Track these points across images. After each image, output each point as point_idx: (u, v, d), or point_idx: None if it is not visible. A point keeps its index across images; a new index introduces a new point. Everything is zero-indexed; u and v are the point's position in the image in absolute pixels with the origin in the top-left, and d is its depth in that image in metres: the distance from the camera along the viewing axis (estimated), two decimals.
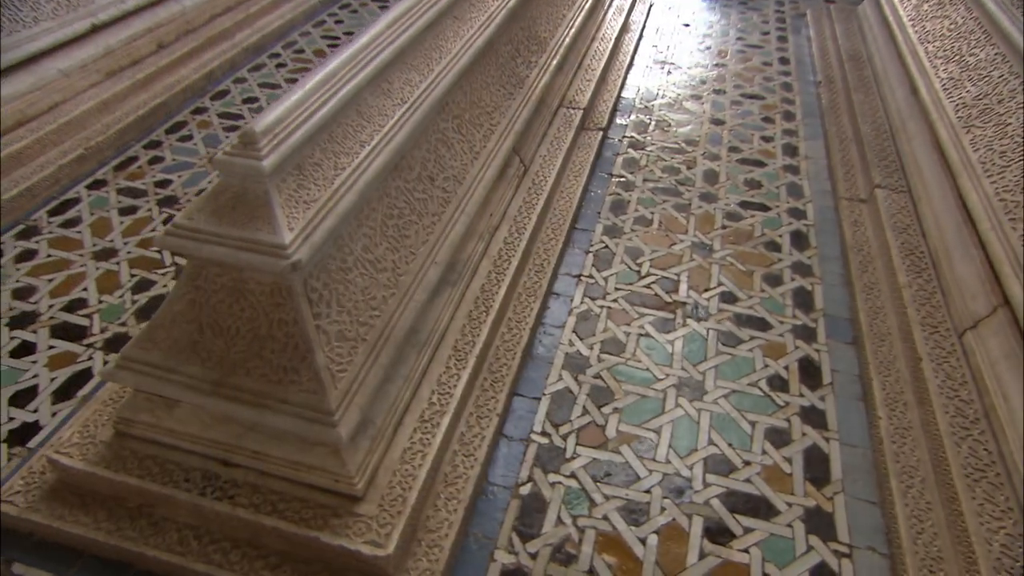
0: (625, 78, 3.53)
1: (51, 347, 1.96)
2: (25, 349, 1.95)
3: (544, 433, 1.77)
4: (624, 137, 3.08)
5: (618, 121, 3.20)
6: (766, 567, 1.48)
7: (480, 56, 2.17)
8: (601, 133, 2.98)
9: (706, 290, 2.24)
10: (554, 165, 2.55)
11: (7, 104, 2.57)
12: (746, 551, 1.51)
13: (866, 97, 3.09)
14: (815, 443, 1.75)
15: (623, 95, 3.41)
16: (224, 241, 1.29)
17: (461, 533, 1.50)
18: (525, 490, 1.63)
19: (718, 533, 1.55)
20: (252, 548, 1.42)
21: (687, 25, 4.24)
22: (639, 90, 3.48)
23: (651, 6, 4.37)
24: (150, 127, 3.01)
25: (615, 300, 2.19)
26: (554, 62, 2.79)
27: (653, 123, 3.19)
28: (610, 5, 3.91)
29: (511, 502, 1.61)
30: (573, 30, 3.09)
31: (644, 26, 4.10)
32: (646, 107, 3.33)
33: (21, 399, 1.81)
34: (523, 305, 2.05)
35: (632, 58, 3.73)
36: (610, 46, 3.50)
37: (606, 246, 2.42)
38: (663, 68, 3.71)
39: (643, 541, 1.53)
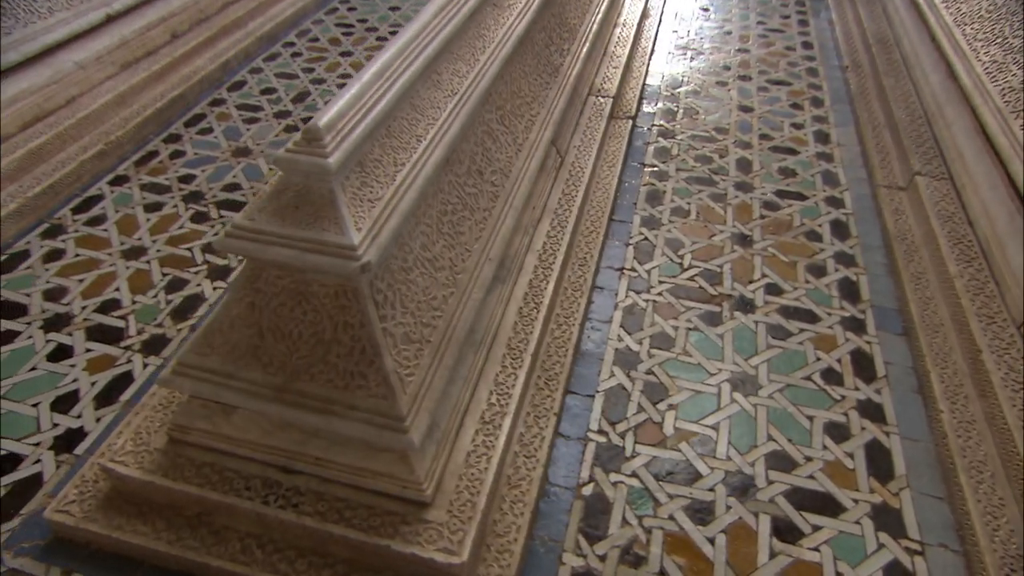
0: (648, 64, 3.47)
1: (88, 350, 1.91)
2: (62, 352, 1.90)
3: (601, 431, 1.74)
4: (653, 125, 3.02)
5: (645, 109, 3.14)
6: (838, 566, 1.46)
7: (519, 44, 2.11)
8: (630, 122, 2.92)
9: (750, 282, 2.21)
10: (589, 155, 2.50)
11: (26, 99, 2.50)
12: (816, 550, 1.49)
13: (897, 82, 3.05)
14: (875, 437, 1.72)
15: (647, 82, 3.35)
16: (289, 243, 1.24)
17: (528, 537, 1.48)
18: (587, 490, 1.61)
19: (786, 531, 1.52)
20: (318, 556, 1.39)
21: (706, 9, 4.17)
22: (663, 77, 3.42)
23: None
24: (168, 120, 2.94)
25: (660, 293, 2.15)
26: (584, 49, 2.73)
27: (681, 111, 3.14)
28: None
29: (574, 503, 1.58)
30: (600, 16, 3.02)
31: (663, 11, 4.03)
32: (672, 94, 3.27)
33: (63, 404, 1.76)
34: (570, 300, 2.01)
35: (654, 44, 3.67)
36: (633, 32, 3.44)
37: (645, 238, 2.38)
38: (685, 54, 3.65)
39: (711, 541, 1.51)
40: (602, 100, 2.86)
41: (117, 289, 2.11)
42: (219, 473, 1.44)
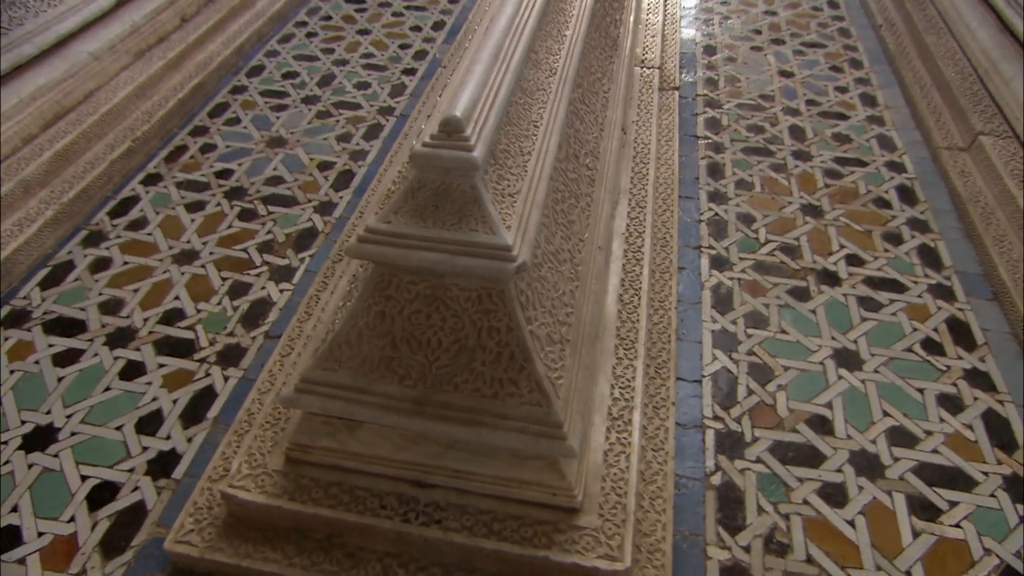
0: (679, 31, 3.36)
1: (161, 365, 1.79)
2: (134, 370, 1.78)
3: (716, 418, 1.69)
4: (697, 96, 2.94)
5: (686, 79, 3.05)
6: (984, 542, 1.45)
7: (591, 16, 1.99)
8: (676, 93, 2.83)
9: (830, 254, 2.17)
10: (650, 130, 2.41)
11: (45, 95, 2.31)
12: (958, 526, 1.47)
13: (939, 39, 3.00)
14: (990, 407, 1.71)
15: (681, 50, 3.26)
16: (433, 246, 1.15)
17: (673, 533, 1.43)
18: (716, 480, 1.57)
19: (923, 509, 1.51)
20: (464, 572, 1.33)
21: None
22: (695, 43, 3.32)
23: None
24: (191, 111, 2.76)
25: (743, 271, 2.10)
26: (631, 18, 2.62)
27: (722, 79, 3.05)
28: None
29: (706, 494, 1.54)
30: None
31: None
32: (708, 62, 3.18)
33: (147, 425, 1.65)
34: (661, 284, 1.95)
35: (680, 9, 3.56)
36: None
37: (716, 214, 2.32)
38: (711, 18, 3.54)
39: (851, 523, 1.48)
40: (648, 71, 2.76)
41: (177, 298, 1.98)
42: (349, 492, 1.36)
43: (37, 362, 1.78)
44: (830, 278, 2.08)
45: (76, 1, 2.47)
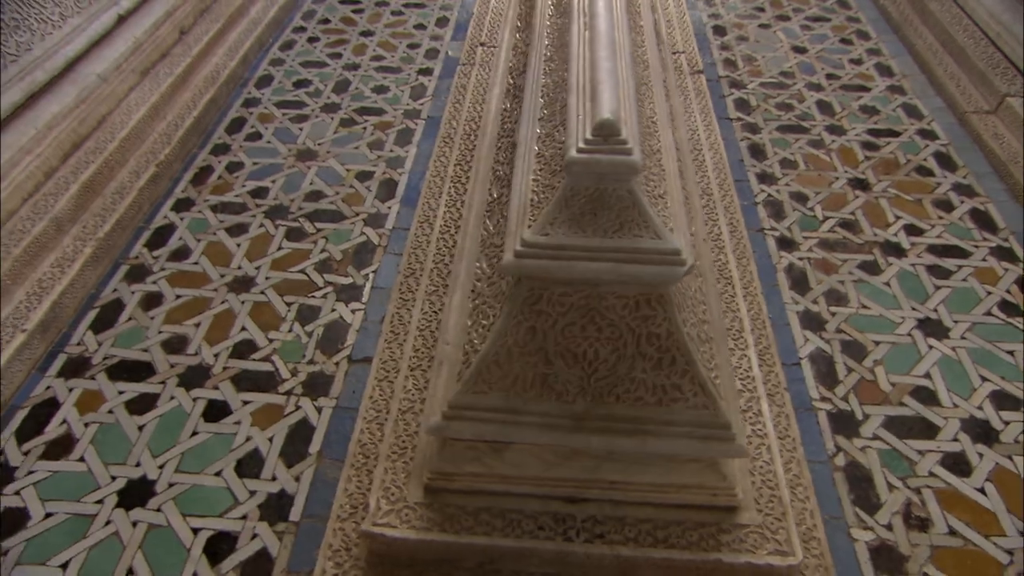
0: (686, 13, 3.36)
1: (246, 402, 1.69)
2: (218, 410, 1.67)
3: (824, 399, 1.70)
4: (720, 77, 2.94)
5: (705, 61, 3.05)
6: None
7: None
8: (702, 76, 2.83)
9: (888, 225, 2.20)
10: (694, 116, 2.40)
11: (60, 124, 2.14)
12: None
13: (942, 5, 3.07)
14: None
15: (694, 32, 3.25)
16: (597, 255, 1.10)
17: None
18: (840, 461, 1.57)
19: None
20: None
21: None
22: (705, 24, 3.32)
23: None
24: (207, 128, 2.61)
25: (810, 250, 2.11)
26: (659, 3, 2.59)
27: (739, 59, 3.06)
28: None
29: (835, 476, 1.54)
30: None
31: None
32: (722, 43, 3.18)
33: (247, 467, 1.56)
34: (743, 269, 1.94)
35: None
36: None
37: (768, 195, 2.32)
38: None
39: (982, 491, 1.51)
40: (675, 56, 2.75)
41: (244, 328, 1.87)
42: (500, 517, 1.31)
43: (111, 411, 1.66)
44: (894, 249, 2.11)
45: (79, 20, 2.29)
